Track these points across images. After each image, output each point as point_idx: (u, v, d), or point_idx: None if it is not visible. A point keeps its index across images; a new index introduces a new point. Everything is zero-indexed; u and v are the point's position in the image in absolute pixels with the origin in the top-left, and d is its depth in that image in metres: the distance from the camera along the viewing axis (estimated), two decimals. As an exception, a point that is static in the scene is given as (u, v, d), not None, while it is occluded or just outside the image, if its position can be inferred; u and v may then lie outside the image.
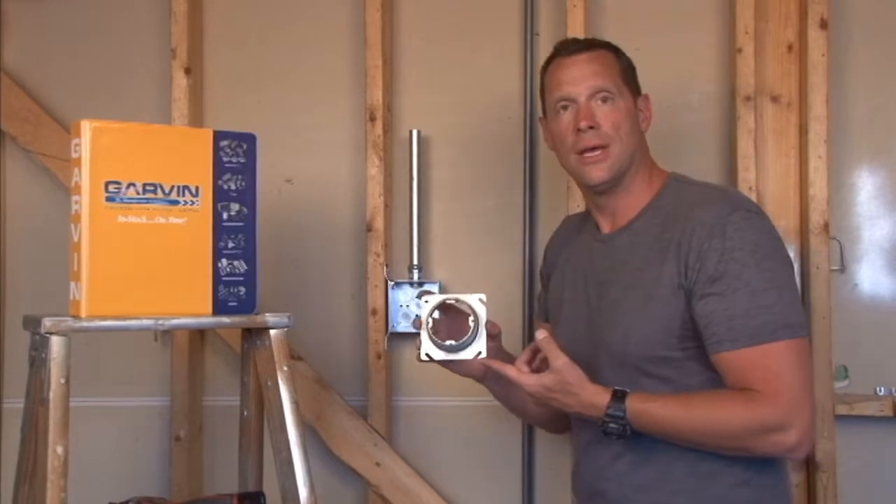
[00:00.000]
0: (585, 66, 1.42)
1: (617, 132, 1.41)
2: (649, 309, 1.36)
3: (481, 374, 1.54)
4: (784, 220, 1.85)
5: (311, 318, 2.03)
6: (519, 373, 1.37)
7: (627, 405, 1.32)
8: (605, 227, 1.49)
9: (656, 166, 1.48)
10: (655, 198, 1.44)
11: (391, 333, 2.01)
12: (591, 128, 1.40)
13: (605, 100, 1.41)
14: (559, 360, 1.35)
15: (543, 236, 1.97)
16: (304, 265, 2.06)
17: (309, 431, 1.95)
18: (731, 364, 1.30)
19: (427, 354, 1.42)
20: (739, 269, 1.31)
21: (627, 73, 1.45)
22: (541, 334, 1.38)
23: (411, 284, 2.01)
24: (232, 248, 1.47)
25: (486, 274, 2.02)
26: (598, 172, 1.42)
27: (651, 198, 1.44)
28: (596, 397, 1.34)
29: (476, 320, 1.42)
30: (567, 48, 1.45)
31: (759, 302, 1.29)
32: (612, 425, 1.32)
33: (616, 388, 1.36)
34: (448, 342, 1.41)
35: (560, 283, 1.56)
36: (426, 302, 1.43)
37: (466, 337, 1.41)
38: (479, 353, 1.42)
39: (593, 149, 1.41)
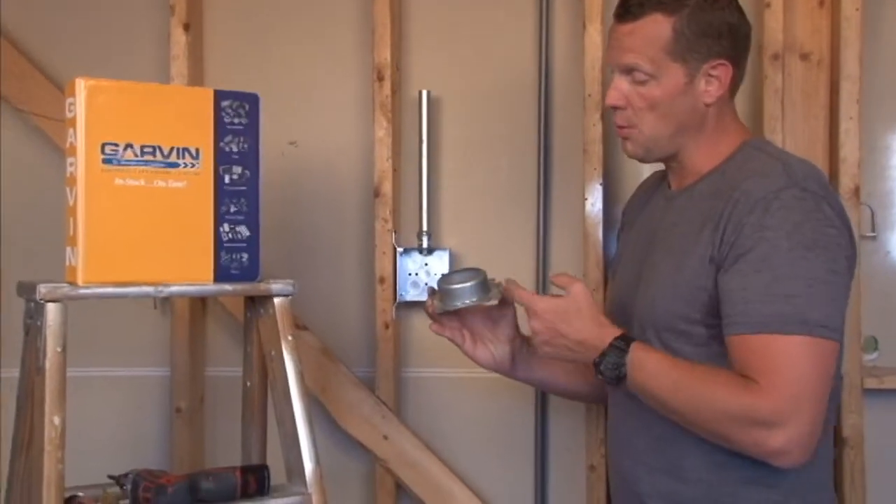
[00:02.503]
0: (624, 40, 1.37)
1: (650, 113, 1.38)
2: (678, 278, 1.35)
3: (509, 360, 1.53)
4: (812, 186, 1.84)
5: (316, 287, 2.04)
6: (531, 295, 1.37)
7: (633, 346, 1.32)
8: (674, 184, 1.47)
9: (733, 130, 1.42)
10: (723, 162, 1.40)
11: (399, 302, 2.01)
12: (615, 108, 1.39)
13: (637, 79, 1.37)
14: (576, 285, 1.36)
15: (558, 201, 2.01)
16: (309, 231, 2.06)
17: (314, 403, 1.94)
18: (736, 348, 1.27)
19: (444, 311, 1.42)
20: (768, 249, 1.26)
21: (683, 42, 1.35)
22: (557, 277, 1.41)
23: (420, 251, 2.01)
24: (234, 213, 1.47)
25: (498, 240, 2.03)
26: (629, 148, 1.42)
27: (718, 162, 1.40)
28: (605, 328, 1.34)
29: (485, 274, 1.45)
30: (618, 10, 1.40)
31: (778, 289, 1.25)
32: (609, 358, 1.31)
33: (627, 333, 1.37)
34: (459, 286, 1.42)
35: (626, 240, 1.57)
36: (432, 293, 1.46)
37: (475, 282, 1.41)
38: (491, 298, 1.41)
39: (621, 128, 1.41)
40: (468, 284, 1.44)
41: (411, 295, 2.01)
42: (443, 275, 1.50)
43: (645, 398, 1.35)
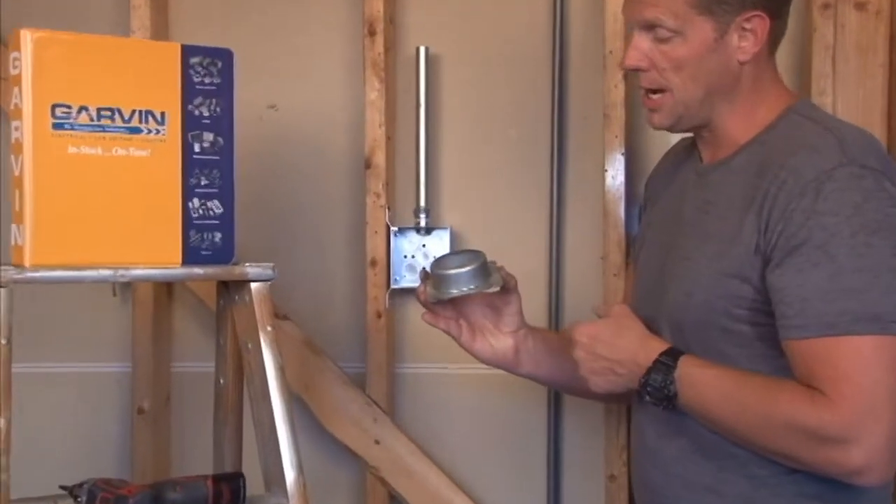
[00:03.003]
0: None
1: (676, 75, 1.36)
2: (719, 268, 1.33)
3: (513, 354, 1.54)
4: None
5: (298, 270, 2.05)
6: (575, 323, 1.40)
7: (681, 361, 1.32)
8: (706, 157, 1.44)
9: (774, 92, 1.40)
10: (763, 132, 1.37)
11: (393, 289, 2.01)
12: (636, 70, 1.38)
13: (660, 36, 1.35)
14: (616, 305, 1.42)
15: (575, 174, 2.01)
16: (291, 208, 2.07)
17: (296, 403, 1.96)
18: (797, 354, 1.26)
19: (437, 300, 1.44)
20: (826, 238, 1.23)
21: None
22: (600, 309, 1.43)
23: (417, 231, 2.01)
24: (205, 186, 1.46)
25: (506, 219, 2.03)
26: (656, 118, 1.41)
27: (758, 131, 1.38)
28: (648, 343, 1.35)
29: (484, 258, 1.45)
30: None
31: (842, 283, 1.22)
32: (654, 377, 1.32)
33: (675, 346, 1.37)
34: (454, 271, 1.43)
35: (649, 220, 1.56)
36: (425, 278, 1.47)
37: (473, 266, 1.42)
38: (491, 284, 1.42)
39: (649, 91, 1.39)
40: (465, 270, 1.44)
41: (407, 280, 2.01)
42: (437, 258, 1.50)
43: (699, 419, 1.34)
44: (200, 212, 1.47)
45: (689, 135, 1.49)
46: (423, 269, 1.55)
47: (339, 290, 2.07)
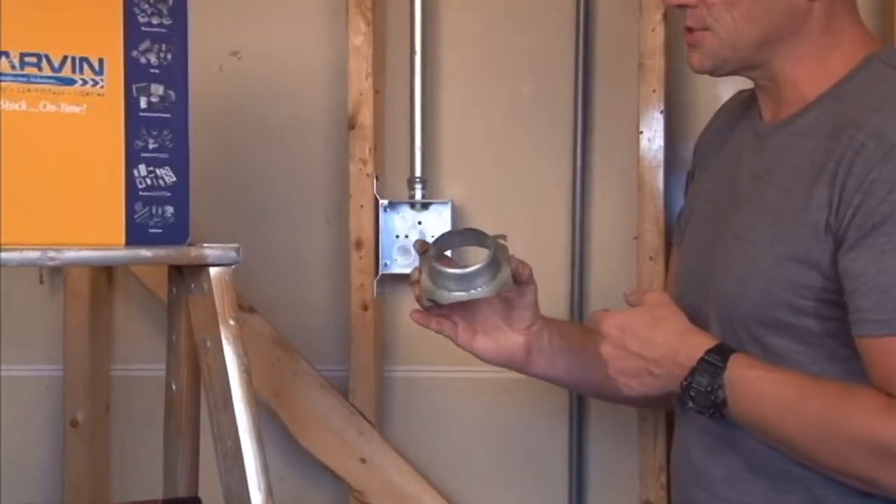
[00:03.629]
0: None
1: (728, 11, 1.36)
2: (781, 251, 1.33)
3: (523, 351, 1.56)
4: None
5: (268, 253, 2.07)
6: (600, 312, 1.41)
7: (732, 361, 1.32)
8: (767, 114, 1.43)
9: (853, 36, 1.39)
10: (838, 84, 1.36)
11: (383, 275, 2.01)
12: (682, 6, 1.39)
13: None
14: (650, 293, 1.42)
15: (603, 136, 2.01)
16: (259, 177, 2.08)
17: (265, 413, 1.97)
18: (874, 355, 1.26)
19: (431, 300, 1.45)
20: None
21: None
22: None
23: (412, 206, 2.01)
24: (154, 150, 1.45)
25: (519, 192, 2.04)
26: (696, 59, 1.41)
27: (831, 84, 1.37)
28: (691, 338, 1.35)
29: (493, 249, 1.45)
30: None
31: None
32: (699, 379, 1.31)
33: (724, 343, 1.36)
34: (453, 269, 1.45)
35: (698, 191, 1.56)
36: (422, 253, 1.48)
37: (480, 265, 1.44)
38: (504, 283, 1.44)
39: (691, 28, 1.40)
40: (468, 271, 1.44)
41: (399, 265, 2.01)
42: (435, 239, 1.51)
43: (752, 431, 1.35)
44: (148, 181, 1.44)
45: (749, 86, 1.49)
46: (419, 241, 1.54)
47: (316, 278, 2.08)
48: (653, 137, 1.92)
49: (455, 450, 2.07)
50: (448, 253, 1.55)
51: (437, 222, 2.01)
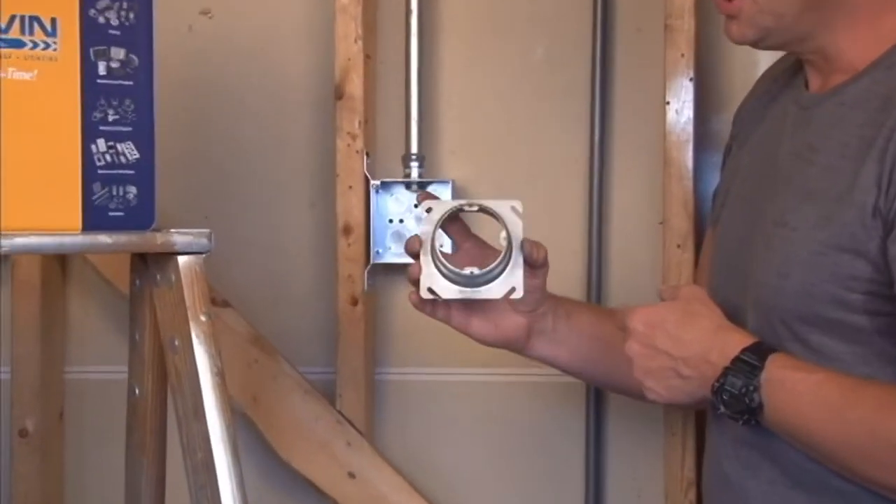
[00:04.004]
0: None
1: None
2: (824, 238, 1.33)
3: (523, 333, 1.57)
4: None
5: (244, 240, 2.08)
6: (629, 308, 1.42)
7: (770, 361, 1.32)
8: (814, 83, 1.44)
9: None
10: (892, 51, 1.36)
11: (374, 265, 2.02)
12: None
13: None
14: (685, 287, 1.43)
15: (624, 107, 2.01)
16: (233, 154, 2.08)
17: (240, 421, 1.98)
18: None
19: (430, 289, 1.45)
20: None
21: None
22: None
23: (407, 186, 2.02)
24: (114, 123, 1.44)
25: (529, 170, 2.05)
26: (735, 29, 1.42)
27: (884, 50, 1.37)
28: (728, 332, 1.36)
29: (508, 238, 1.45)
30: None
31: None
32: (732, 380, 1.32)
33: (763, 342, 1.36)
34: (468, 270, 1.46)
35: (736, 164, 1.56)
36: (429, 211, 1.46)
37: (494, 264, 1.45)
38: (513, 289, 1.45)
39: None
40: (483, 271, 1.45)
41: (393, 254, 2.02)
42: (440, 215, 1.48)
43: (791, 440, 1.35)
44: (108, 158, 1.44)
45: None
46: (422, 194, 1.54)
47: (299, 268, 2.09)
48: (681, 109, 1.92)
49: (456, 463, 2.08)
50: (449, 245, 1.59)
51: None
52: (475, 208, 1.46)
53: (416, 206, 1.59)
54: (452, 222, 1.52)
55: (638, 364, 1.41)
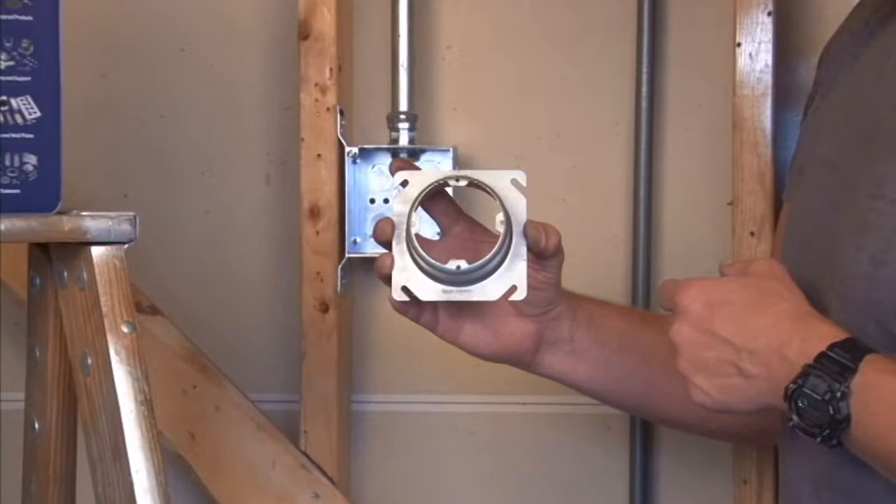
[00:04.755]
0: None
1: None
2: None
3: (530, 344, 1.57)
4: None
5: (178, 226, 2.09)
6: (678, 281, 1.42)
7: (866, 363, 1.29)
8: None
9: None
10: None
11: (351, 259, 2.03)
12: None
13: None
14: (758, 261, 1.44)
15: (679, 50, 2.02)
16: (165, 114, 2.09)
17: (173, 465, 1.99)
18: None
19: (406, 289, 1.46)
20: None
21: None
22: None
23: (394, 154, 2.01)
24: (8, 71, 1.42)
25: (554, 133, 2.05)
26: None
27: None
28: (814, 323, 1.35)
29: (507, 221, 1.45)
30: None
31: None
32: (815, 381, 1.29)
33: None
34: (454, 264, 1.45)
35: (819, 120, 1.57)
36: (404, 185, 1.48)
37: (489, 255, 1.45)
38: (513, 287, 1.45)
39: None
40: (472, 266, 1.44)
41: (375, 244, 1.92)
42: (418, 192, 1.48)
43: (885, 470, 1.31)
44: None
45: None
46: (398, 161, 1.56)
47: (250, 263, 2.11)
48: (756, 52, 1.91)
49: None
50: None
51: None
52: (464, 182, 1.46)
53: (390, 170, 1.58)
54: (437, 200, 1.52)
55: (686, 353, 1.39)
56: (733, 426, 1.64)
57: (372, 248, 2.01)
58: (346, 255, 2.01)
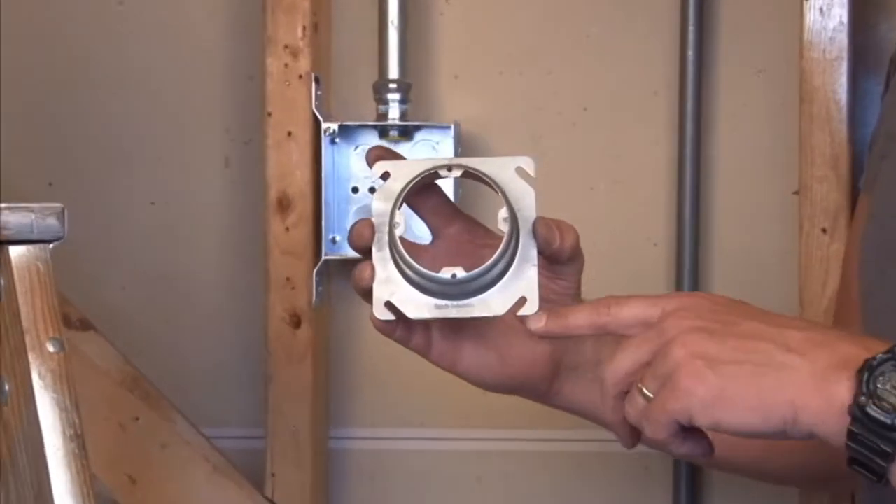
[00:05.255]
0: None
1: None
2: None
3: (545, 370, 1.55)
4: None
5: (117, 221, 2.09)
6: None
7: None
8: None
9: None
10: None
11: (328, 261, 2.04)
12: None
13: None
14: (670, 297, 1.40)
15: (733, 5, 2.03)
16: (101, 85, 2.09)
17: None
18: None
19: (390, 304, 1.43)
20: None
21: None
22: None
23: (382, 133, 2.02)
24: None
25: (579, 106, 2.05)
26: None
27: None
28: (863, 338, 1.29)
29: (512, 219, 1.43)
30: None
31: None
32: (889, 373, 1.24)
33: None
34: (448, 272, 1.41)
35: None
36: (386, 178, 1.46)
37: (490, 261, 1.42)
38: (522, 300, 1.43)
39: None
40: (469, 274, 1.41)
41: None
42: (402, 186, 1.44)
43: None
44: None
45: None
46: (375, 149, 1.49)
47: (205, 267, 2.12)
48: (828, 8, 1.91)
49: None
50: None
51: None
52: (458, 172, 1.43)
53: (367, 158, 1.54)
54: (426, 196, 1.49)
55: (680, 345, 1.30)
56: (797, 463, 1.63)
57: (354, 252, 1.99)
58: (323, 257, 2.02)
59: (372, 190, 2.02)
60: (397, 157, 1.47)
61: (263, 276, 2.00)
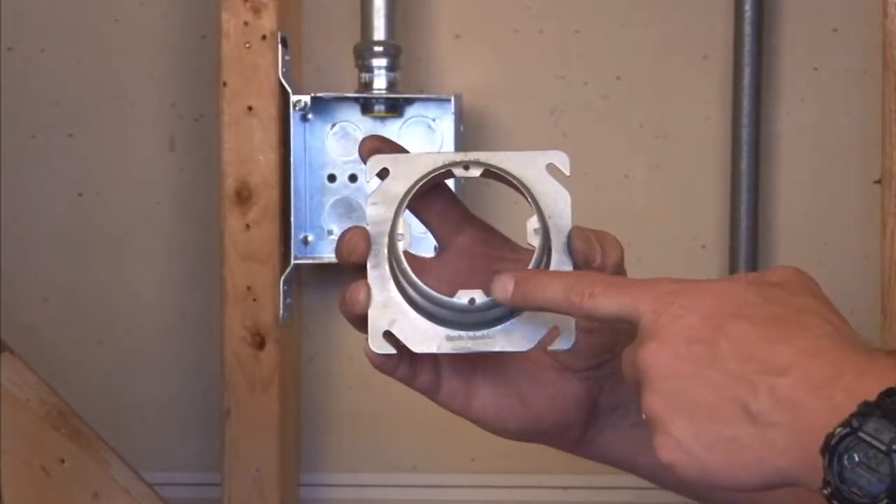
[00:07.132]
0: None
1: None
2: None
3: (579, 414, 1.45)
4: None
5: (37, 218, 2.11)
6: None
7: None
8: None
9: None
10: None
11: (300, 266, 2.06)
12: None
13: None
14: (782, 268, 1.24)
15: None
16: (10, 44, 2.10)
17: None
18: None
19: (389, 335, 1.31)
20: None
21: None
22: None
23: (365, 108, 2.03)
24: None
25: (608, 77, 2.08)
26: None
27: None
28: (871, 352, 1.18)
29: (543, 229, 1.32)
30: None
31: None
32: (876, 424, 1.12)
33: None
34: (465, 297, 1.30)
35: None
36: (383, 177, 1.35)
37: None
38: (555, 331, 1.34)
39: None
40: (487, 300, 1.33)
41: (334, 243, 1.87)
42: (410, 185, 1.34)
43: None
44: None
45: None
46: (369, 140, 1.39)
47: (145, 273, 2.12)
48: None
49: None
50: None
51: (423, 145, 2.04)
52: (476, 170, 1.34)
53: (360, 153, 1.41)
54: (432, 198, 1.40)
55: (662, 386, 1.23)
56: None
57: (331, 253, 2.03)
58: (293, 262, 2.03)
59: (353, 178, 2.05)
60: (398, 149, 1.33)
61: (219, 286, 2.00)
